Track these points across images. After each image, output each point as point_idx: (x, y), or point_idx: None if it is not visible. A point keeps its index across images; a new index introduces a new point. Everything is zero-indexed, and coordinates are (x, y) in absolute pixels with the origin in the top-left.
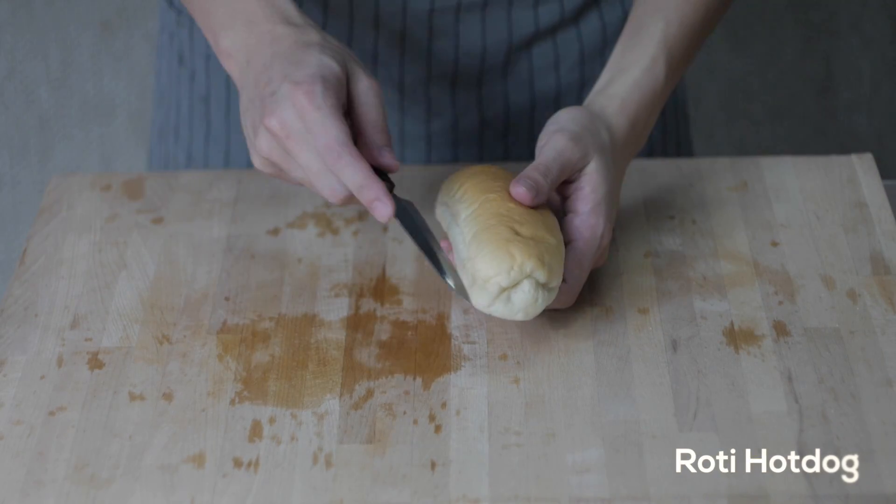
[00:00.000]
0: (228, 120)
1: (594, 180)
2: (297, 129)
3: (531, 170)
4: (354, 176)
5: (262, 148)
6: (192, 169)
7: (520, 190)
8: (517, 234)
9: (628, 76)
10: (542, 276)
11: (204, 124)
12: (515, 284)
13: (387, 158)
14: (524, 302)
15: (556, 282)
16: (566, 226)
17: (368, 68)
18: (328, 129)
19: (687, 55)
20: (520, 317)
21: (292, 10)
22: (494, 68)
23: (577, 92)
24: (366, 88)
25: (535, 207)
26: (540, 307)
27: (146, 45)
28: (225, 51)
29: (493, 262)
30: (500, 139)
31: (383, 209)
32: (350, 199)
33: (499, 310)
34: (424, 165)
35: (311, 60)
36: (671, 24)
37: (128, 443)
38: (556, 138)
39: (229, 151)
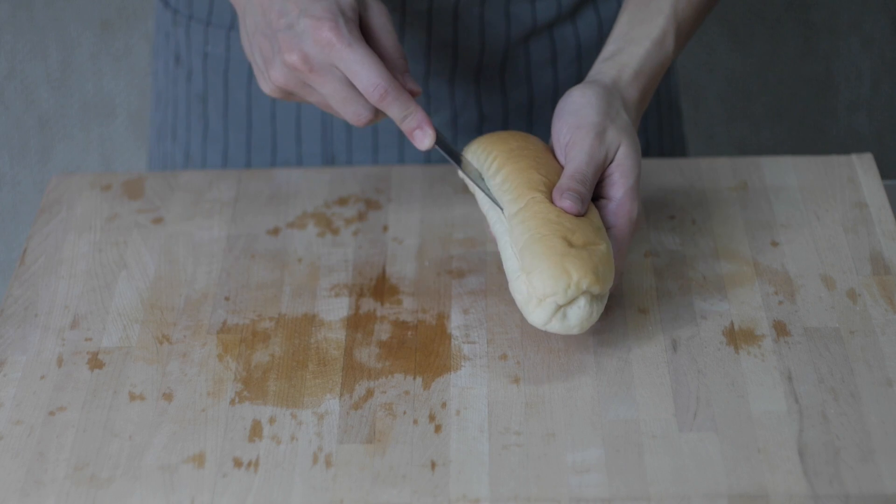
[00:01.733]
0: (226, 118)
1: (625, 166)
2: (321, 63)
3: (570, 180)
4: (400, 109)
5: (277, 79)
6: (191, 168)
7: (566, 204)
8: (570, 244)
9: (639, 47)
10: (597, 289)
11: (202, 123)
12: (571, 301)
13: (410, 84)
14: (580, 317)
15: (609, 288)
16: (600, 211)
17: None
18: (368, 68)
19: (693, 28)
20: (575, 331)
21: None
22: (492, 64)
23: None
24: (378, 14)
25: None
26: (594, 319)
27: (146, 45)
28: None
29: (549, 279)
30: None
31: (425, 138)
32: (373, 120)
33: (555, 326)
34: (423, 165)
35: None
36: None
37: (128, 443)
38: (580, 137)
39: (227, 150)
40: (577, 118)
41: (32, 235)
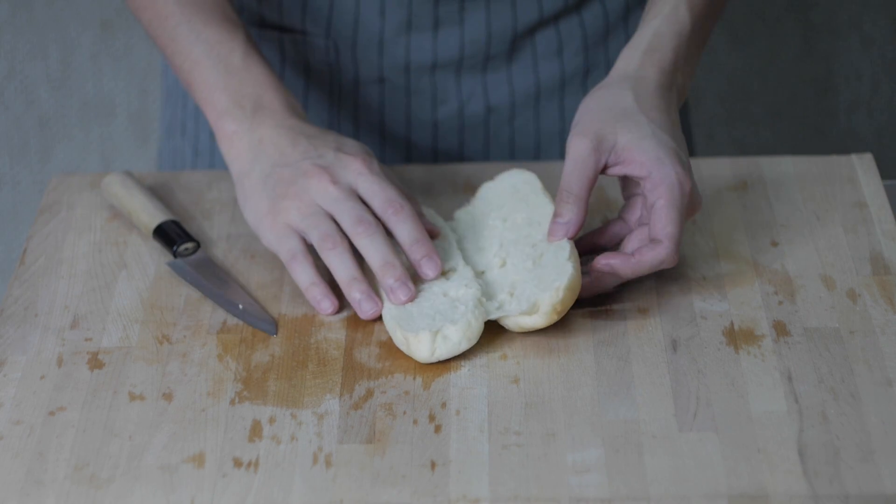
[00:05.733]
0: None
1: (631, 152)
2: (346, 184)
3: (556, 205)
4: (412, 231)
5: (298, 206)
6: (199, 163)
7: (550, 238)
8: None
9: (650, 26)
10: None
11: None
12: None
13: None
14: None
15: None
16: (646, 190)
17: (374, 54)
18: (390, 188)
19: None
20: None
21: (297, 104)
22: (499, 55)
23: (581, 78)
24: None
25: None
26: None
27: (146, 45)
28: (228, 134)
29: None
30: (505, 125)
31: (433, 268)
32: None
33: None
34: (425, 165)
35: (351, 141)
36: None
37: (128, 443)
38: (568, 147)
39: None
40: (579, 128)
41: (32, 235)
